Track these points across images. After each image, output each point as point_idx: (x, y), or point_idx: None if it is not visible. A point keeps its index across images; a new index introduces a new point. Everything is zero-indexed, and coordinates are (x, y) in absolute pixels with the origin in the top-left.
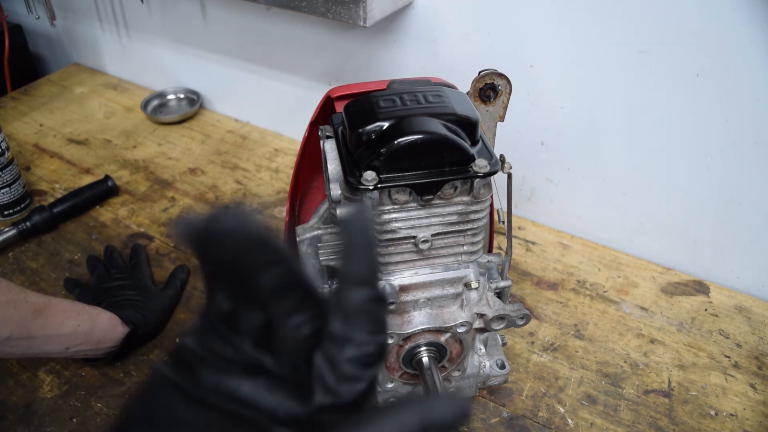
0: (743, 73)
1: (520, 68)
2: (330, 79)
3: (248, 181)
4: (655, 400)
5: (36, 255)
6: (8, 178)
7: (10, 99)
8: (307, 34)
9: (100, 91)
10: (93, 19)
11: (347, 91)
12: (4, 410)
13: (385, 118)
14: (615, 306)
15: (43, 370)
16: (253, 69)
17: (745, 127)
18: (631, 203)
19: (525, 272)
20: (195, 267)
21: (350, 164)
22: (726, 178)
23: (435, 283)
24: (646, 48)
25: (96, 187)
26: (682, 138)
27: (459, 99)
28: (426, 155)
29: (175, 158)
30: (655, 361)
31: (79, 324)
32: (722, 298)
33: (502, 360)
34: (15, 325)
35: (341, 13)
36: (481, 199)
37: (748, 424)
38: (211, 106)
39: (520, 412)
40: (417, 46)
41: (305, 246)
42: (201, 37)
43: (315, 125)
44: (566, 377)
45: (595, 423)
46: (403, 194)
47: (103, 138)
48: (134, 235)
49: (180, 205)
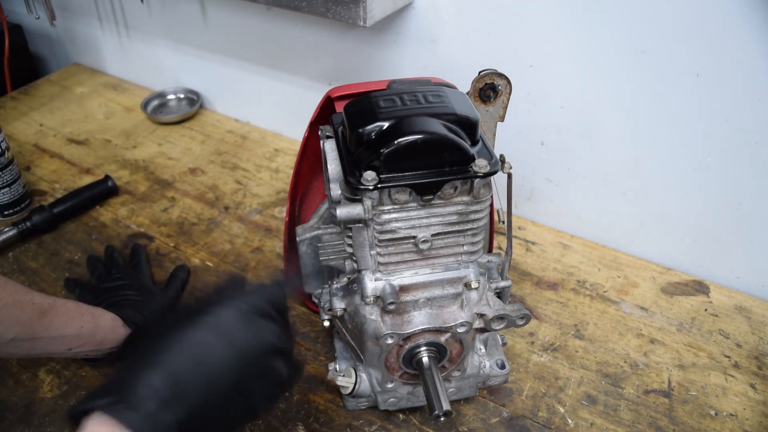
0: (743, 73)
1: (520, 68)
2: (330, 79)
3: (248, 181)
4: (655, 400)
5: (36, 255)
6: (8, 178)
7: (10, 99)
8: (307, 34)
9: (100, 91)
10: (93, 19)
11: (347, 91)
12: (4, 410)
13: (385, 118)
14: (615, 306)
15: (43, 370)
16: (253, 69)
17: (745, 127)
18: (631, 203)
19: (525, 272)
20: (194, 267)
21: (350, 164)
22: (726, 178)
23: (435, 283)
24: (646, 48)
25: (96, 187)
26: (682, 138)
27: (459, 99)
28: (426, 155)
29: (175, 158)
30: (655, 361)
31: (82, 325)
32: (722, 298)
33: (502, 360)
34: (21, 327)
35: (341, 13)
36: (481, 199)
37: (748, 424)
38: (211, 106)
39: (520, 412)
40: (417, 46)
41: (305, 246)
42: (201, 37)
43: (315, 125)
44: (566, 377)
45: (595, 423)
46: (403, 194)
47: (103, 138)
48: (134, 235)
49: (180, 205)
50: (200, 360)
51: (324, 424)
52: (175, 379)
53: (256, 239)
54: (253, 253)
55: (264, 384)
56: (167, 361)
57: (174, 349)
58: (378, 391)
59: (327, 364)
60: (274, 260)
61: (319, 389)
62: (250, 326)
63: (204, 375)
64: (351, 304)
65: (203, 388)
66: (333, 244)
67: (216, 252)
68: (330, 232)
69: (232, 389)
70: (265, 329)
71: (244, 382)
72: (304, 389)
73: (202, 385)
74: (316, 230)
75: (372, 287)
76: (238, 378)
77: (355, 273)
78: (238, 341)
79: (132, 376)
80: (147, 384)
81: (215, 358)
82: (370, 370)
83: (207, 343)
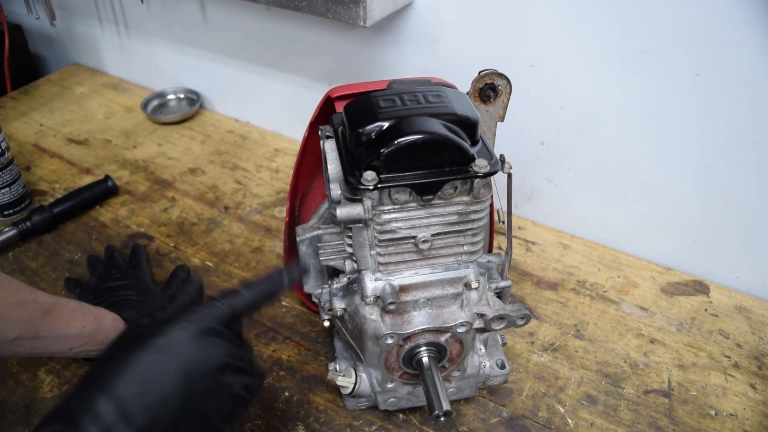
0: (743, 73)
1: (520, 68)
2: (330, 79)
3: (248, 181)
4: (655, 400)
5: (36, 255)
6: (8, 178)
7: (10, 99)
8: (307, 34)
9: (100, 91)
10: (93, 19)
11: (347, 91)
12: (4, 410)
13: (385, 118)
14: (615, 306)
15: (43, 370)
16: (253, 69)
17: (745, 127)
18: (631, 203)
19: (525, 272)
20: (194, 267)
21: (350, 164)
22: (726, 178)
23: (435, 283)
24: (646, 48)
25: (96, 187)
26: (682, 138)
27: (459, 99)
28: (426, 155)
29: (175, 158)
30: (655, 361)
31: (84, 325)
32: (722, 298)
33: (502, 360)
34: (24, 326)
35: (341, 13)
36: (481, 199)
37: (748, 424)
38: (211, 106)
39: (520, 412)
40: (417, 46)
41: (305, 246)
42: (201, 37)
43: (315, 125)
44: (566, 377)
45: (595, 423)
46: (403, 194)
47: (103, 138)
48: (134, 235)
49: (180, 205)
50: (147, 382)
51: (324, 424)
52: (120, 404)
53: (256, 239)
54: (253, 253)
55: (219, 402)
56: (113, 386)
57: (120, 372)
58: (378, 391)
59: (327, 364)
60: (274, 260)
61: (319, 389)
62: (200, 346)
63: (150, 396)
64: (351, 304)
65: (150, 411)
66: (333, 244)
67: (216, 252)
68: (330, 232)
69: (182, 410)
70: (214, 347)
71: (195, 402)
72: (304, 389)
73: (149, 408)
74: (316, 230)
75: (372, 287)
76: (186, 398)
77: (355, 273)
78: (187, 362)
79: (77, 402)
80: (91, 411)
81: (162, 380)
82: (370, 370)
83: (154, 365)
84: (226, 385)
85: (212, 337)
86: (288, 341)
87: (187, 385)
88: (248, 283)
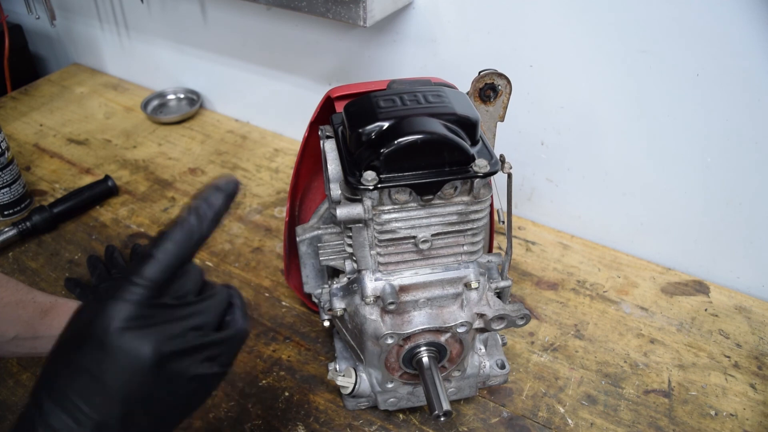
0: (743, 73)
1: (520, 68)
2: (330, 79)
3: (248, 181)
4: (655, 400)
5: (36, 255)
6: (8, 178)
7: (10, 99)
8: (307, 34)
9: (100, 91)
10: (93, 19)
11: (347, 91)
12: (4, 410)
13: (385, 118)
14: (615, 306)
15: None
16: (253, 69)
17: (745, 127)
18: (631, 203)
19: (525, 272)
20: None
21: (350, 164)
22: (726, 178)
23: (435, 283)
24: (646, 48)
25: (96, 187)
26: (682, 138)
27: (459, 99)
28: (426, 155)
29: (175, 158)
30: (655, 361)
31: None
32: (722, 298)
33: (502, 360)
34: (22, 325)
35: (341, 13)
36: (481, 199)
37: (748, 424)
38: (211, 106)
39: (520, 412)
40: (417, 46)
41: (305, 246)
42: (201, 37)
43: (315, 125)
44: (566, 377)
45: (595, 423)
46: (403, 194)
47: (103, 138)
48: (134, 235)
49: (180, 205)
50: (87, 402)
51: (324, 424)
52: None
53: (256, 239)
54: (253, 253)
55: (174, 390)
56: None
57: (67, 376)
58: (378, 391)
59: (327, 364)
60: (274, 260)
61: (319, 389)
62: (118, 355)
63: (91, 417)
64: (351, 304)
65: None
66: (333, 244)
67: (216, 252)
68: (330, 232)
69: (128, 414)
70: (138, 346)
71: (141, 405)
72: (304, 389)
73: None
74: (316, 230)
75: (372, 287)
76: (127, 408)
77: (355, 273)
78: (114, 373)
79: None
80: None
81: (96, 401)
82: (370, 370)
83: (84, 390)
84: (175, 374)
85: (132, 334)
86: (288, 341)
87: (125, 399)
88: (163, 233)
